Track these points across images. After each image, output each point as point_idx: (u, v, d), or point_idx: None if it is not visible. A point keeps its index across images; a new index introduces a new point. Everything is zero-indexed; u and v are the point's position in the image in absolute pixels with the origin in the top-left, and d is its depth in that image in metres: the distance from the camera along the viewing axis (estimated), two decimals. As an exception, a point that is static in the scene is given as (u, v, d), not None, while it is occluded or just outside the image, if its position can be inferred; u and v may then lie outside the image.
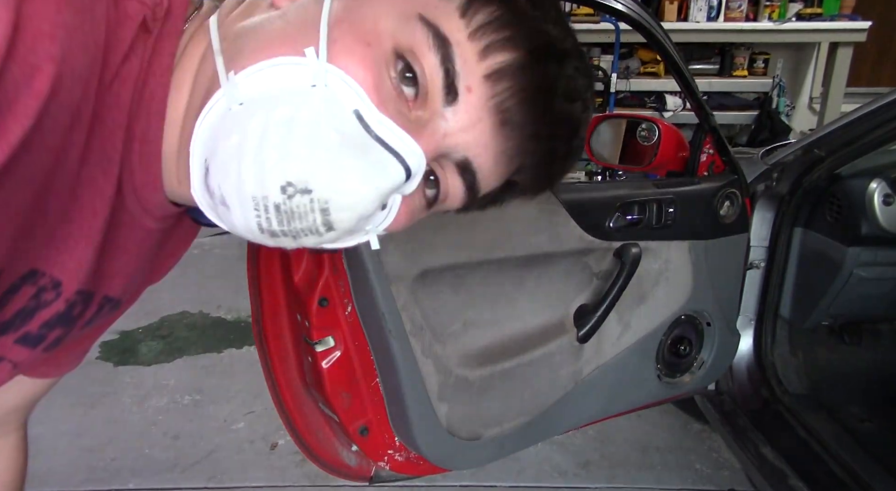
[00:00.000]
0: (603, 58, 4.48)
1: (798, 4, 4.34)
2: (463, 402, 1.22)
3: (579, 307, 1.33)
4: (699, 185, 1.44)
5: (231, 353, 2.69)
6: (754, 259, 1.67)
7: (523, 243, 1.22)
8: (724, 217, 1.48)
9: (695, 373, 1.58)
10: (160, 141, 0.54)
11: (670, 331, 1.49)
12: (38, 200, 0.47)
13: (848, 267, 1.64)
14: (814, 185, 1.63)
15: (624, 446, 2.16)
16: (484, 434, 1.26)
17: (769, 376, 1.74)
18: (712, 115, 1.46)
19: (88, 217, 0.53)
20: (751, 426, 1.66)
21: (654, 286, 1.41)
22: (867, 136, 1.53)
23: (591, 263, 1.33)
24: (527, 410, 1.30)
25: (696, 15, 4.31)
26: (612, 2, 1.25)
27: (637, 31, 1.31)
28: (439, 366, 1.17)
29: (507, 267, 1.23)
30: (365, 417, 1.20)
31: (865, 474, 1.44)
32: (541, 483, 2.02)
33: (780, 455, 1.56)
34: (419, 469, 1.31)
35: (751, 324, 1.76)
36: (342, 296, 1.10)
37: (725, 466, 2.07)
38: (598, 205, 1.31)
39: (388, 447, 1.25)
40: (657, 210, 1.36)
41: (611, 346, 1.39)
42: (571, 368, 1.34)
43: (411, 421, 1.17)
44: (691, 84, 1.40)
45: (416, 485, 1.94)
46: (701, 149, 1.50)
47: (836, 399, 1.77)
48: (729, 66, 4.57)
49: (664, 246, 1.40)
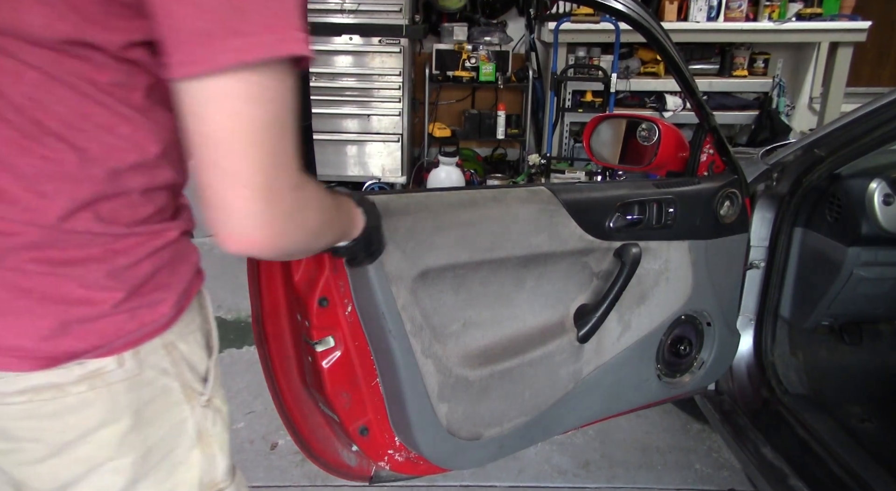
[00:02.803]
0: (603, 58, 4.48)
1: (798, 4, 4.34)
2: (463, 401, 1.22)
3: (579, 307, 1.33)
4: (699, 185, 1.44)
5: (231, 353, 2.69)
6: (754, 259, 1.67)
7: (523, 243, 1.22)
8: (724, 217, 1.48)
9: (695, 373, 1.57)
10: None
11: (670, 331, 1.49)
12: None
13: (848, 267, 1.64)
14: (814, 185, 1.63)
15: (624, 446, 2.16)
16: (484, 434, 1.26)
17: (769, 376, 1.74)
18: (712, 114, 1.46)
19: None
20: (751, 426, 1.66)
21: (655, 286, 1.41)
22: (867, 136, 1.53)
23: (592, 262, 1.33)
24: (527, 410, 1.30)
25: (696, 15, 4.30)
26: (613, 2, 1.25)
27: (637, 31, 1.31)
28: (439, 366, 1.17)
29: (507, 267, 1.23)
30: (365, 416, 1.20)
31: (865, 474, 1.44)
32: (541, 483, 2.02)
33: (780, 455, 1.56)
34: (419, 469, 1.31)
35: (751, 324, 1.75)
36: (342, 296, 1.10)
37: (725, 466, 2.07)
38: (598, 205, 1.31)
39: (388, 447, 1.25)
40: (657, 210, 1.36)
41: (611, 346, 1.39)
42: (571, 367, 1.34)
43: (411, 421, 1.17)
44: (691, 84, 1.40)
45: (416, 485, 1.94)
46: (701, 149, 1.51)
47: (836, 399, 1.77)
48: (729, 66, 4.57)
49: (664, 246, 1.40)
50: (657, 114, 4.46)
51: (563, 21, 4.27)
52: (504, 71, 4.55)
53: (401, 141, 4.35)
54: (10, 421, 0.62)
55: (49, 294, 0.60)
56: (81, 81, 0.57)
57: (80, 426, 0.64)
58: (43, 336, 0.60)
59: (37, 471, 0.65)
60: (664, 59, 1.37)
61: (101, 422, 0.65)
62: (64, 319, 0.61)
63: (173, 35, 0.54)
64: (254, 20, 0.54)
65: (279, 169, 0.58)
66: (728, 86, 4.59)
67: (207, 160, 0.56)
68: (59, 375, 0.62)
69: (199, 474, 0.74)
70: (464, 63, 4.50)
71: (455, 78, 4.55)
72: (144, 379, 0.66)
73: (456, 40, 4.54)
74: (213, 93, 0.54)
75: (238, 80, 0.54)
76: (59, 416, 0.63)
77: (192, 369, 0.72)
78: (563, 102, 4.54)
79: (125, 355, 0.64)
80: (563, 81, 4.43)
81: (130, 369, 0.65)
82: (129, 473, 0.68)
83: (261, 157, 0.56)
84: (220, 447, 0.76)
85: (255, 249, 0.60)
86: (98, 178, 0.60)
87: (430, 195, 1.18)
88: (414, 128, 4.63)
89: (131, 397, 0.66)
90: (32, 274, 0.59)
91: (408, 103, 4.31)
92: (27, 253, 0.59)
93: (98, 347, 0.62)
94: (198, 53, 0.53)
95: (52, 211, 0.59)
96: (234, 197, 0.56)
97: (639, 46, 4.56)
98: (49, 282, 0.60)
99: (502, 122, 4.68)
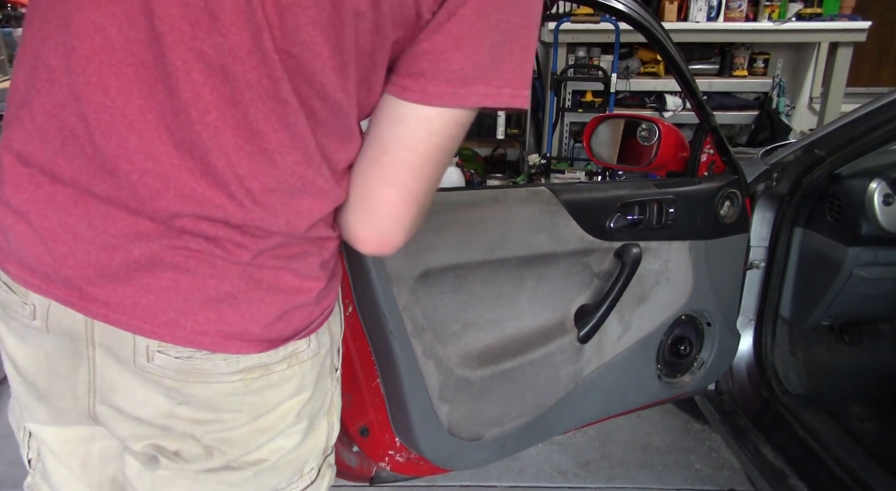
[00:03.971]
0: (603, 58, 4.47)
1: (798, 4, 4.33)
2: (464, 402, 1.22)
3: (580, 307, 1.33)
4: (699, 185, 1.44)
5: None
6: (754, 259, 1.67)
7: (524, 244, 1.22)
8: (724, 217, 1.48)
9: (695, 373, 1.58)
10: None
11: (671, 331, 1.49)
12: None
13: (848, 267, 1.64)
14: (814, 185, 1.63)
15: (624, 446, 2.16)
16: (485, 434, 1.26)
17: (769, 376, 1.74)
18: (712, 115, 1.46)
19: None
20: (751, 426, 1.66)
21: (655, 286, 1.41)
22: (867, 136, 1.53)
23: (592, 263, 1.33)
24: (527, 411, 1.30)
25: (696, 15, 4.30)
26: (613, 2, 1.25)
27: (638, 31, 1.31)
28: (440, 366, 1.17)
29: (507, 267, 1.23)
30: (366, 417, 1.20)
31: (865, 474, 1.44)
32: (541, 483, 2.02)
33: (780, 455, 1.56)
34: (420, 469, 1.31)
35: (751, 324, 1.76)
36: (343, 296, 1.10)
37: (725, 466, 2.07)
38: (598, 205, 1.31)
39: (388, 448, 1.26)
40: (657, 210, 1.36)
41: (611, 346, 1.39)
42: (572, 368, 1.34)
43: (412, 421, 1.17)
44: (691, 84, 1.40)
45: (416, 485, 1.94)
46: (701, 149, 1.51)
47: (836, 399, 1.77)
48: (729, 66, 4.57)
49: (664, 246, 1.40)
50: (657, 114, 4.45)
51: (563, 21, 4.26)
52: (504, 71, 4.54)
53: (401, 141, 4.34)
54: (222, 396, 0.68)
55: (275, 284, 0.66)
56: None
57: (275, 399, 0.71)
58: (268, 322, 0.67)
59: (228, 437, 0.71)
60: (664, 59, 1.37)
61: (291, 394, 0.72)
62: (285, 306, 0.67)
63: (434, 70, 0.62)
64: (504, 72, 0.63)
65: (433, 194, 0.69)
66: (728, 86, 4.58)
67: (394, 178, 0.65)
68: (269, 356, 0.68)
69: (325, 440, 0.82)
70: (464, 63, 4.50)
71: (455, 78, 4.54)
72: (320, 356, 0.75)
73: (456, 40, 4.53)
74: (437, 124, 0.63)
75: (458, 116, 0.63)
76: (262, 391, 0.70)
77: (335, 346, 0.80)
78: (562, 102, 4.54)
79: (312, 337, 0.72)
80: (563, 81, 4.43)
81: (314, 348, 0.73)
82: (298, 437, 0.75)
83: (434, 185, 0.68)
84: (336, 416, 0.84)
85: (388, 250, 0.71)
86: (335, 193, 0.68)
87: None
88: (414, 128, 4.62)
89: (315, 373, 0.74)
90: (267, 268, 0.66)
91: (408, 103, 4.30)
92: (271, 251, 0.66)
93: (301, 331, 0.70)
94: (449, 91, 0.62)
95: (303, 224, 0.66)
96: (403, 211, 0.67)
97: (639, 46, 4.55)
98: (276, 274, 0.66)
99: (502, 122, 4.67)
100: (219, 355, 0.66)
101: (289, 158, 0.62)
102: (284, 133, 0.61)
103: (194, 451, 0.71)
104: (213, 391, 0.67)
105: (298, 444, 0.76)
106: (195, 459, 0.71)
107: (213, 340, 0.65)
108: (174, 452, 0.71)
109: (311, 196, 0.65)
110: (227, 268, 0.64)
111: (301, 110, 0.61)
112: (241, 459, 0.72)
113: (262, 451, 0.73)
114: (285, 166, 0.62)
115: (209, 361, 0.66)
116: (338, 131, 0.65)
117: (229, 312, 0.65)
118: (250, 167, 0.61)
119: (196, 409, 0.68)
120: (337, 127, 0.65)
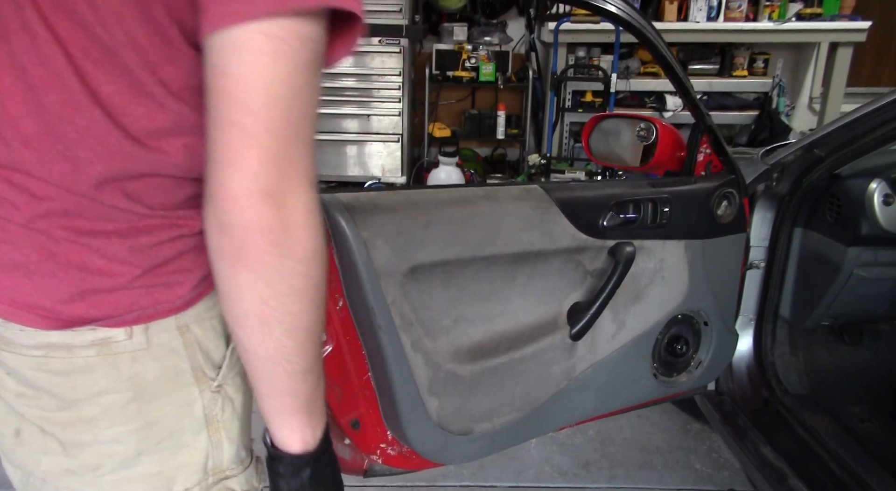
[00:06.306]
0: (603, 58, 4.48)
1: (798, 4, 4.33)
2: (453, 396, 1.22)
3: (573, 305, 1.33)
4: (695, 184, 1.44)
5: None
6: (754, 259, 1.67)
7: (515, 240, 1.22)
8: (720, 217, 1.47)
9: (692, 372, 1.57)
10: None
11: (667, 330, 1.48)
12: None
13: (848, 267, 1.64)
14: (814, 185, 1.62)
15: (624, 446, 2.16)
16: (475, 429, 1.26)
17: (769, 376, 1.74)
18: (708, 114, 1.46)
19: None
20: (751, 426, 1.66)
21: (650, 285, 1.41)
22: (867, 136, 1.52)
23: (585, 261, 1.32)
24: (519, 406, 1.30)
25: (696, 15, 4.30)
26: (604, 3, 1.25)
27: (629, 32, 1.31)
28: (429, 360, 1.17)
29: (498, 264, 1.23)
30: (356, 410, 1.20)
31: (865, 474, 1.44)
32: (541, 483, 2.01)
33: (780, 455, 1.56)
34: (411, 463, 1.31)
35: (751, 324, 1.75)
36: (333, 291, 1.10)
37: (725, 466, 2.06)
38: (591, 203, 1.31)
39: (380, 441, 1.26)
40: (652, 209, 1.36)
41: (605, 344, 1.38)
42: (564, 364, 1.33)
43: (401, 415, 1.17)
44: (685, 84, 1.39)
45: (416, 485, 1.94)
46: (697, 148, 1.50)
47: (836, 399, 1.76)
48: (729, 67, 4.57)
49: (659, 245, 1.40)
50: (657, 114, 4.46)
51: (563, 21, 4.27)
52: (504, 71, 4.55)
53: (401, 141, 4.35)
54: (28, 370, 0.67)
55: (72, 261, 0.63)
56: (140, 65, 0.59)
57: (87, 388, 0.67)
58: (62, 299, 0.64)
59: (51, 419, 0.69)
60: (657, 60, 1.37)
61: (105, 389, 0.68)
62: (83, 285, 0.64)
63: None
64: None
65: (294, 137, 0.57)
66: (728, 86, 4.58)
67: (225, 118, 0.55)
68: (71, 336, 0.65)
69: (204, 458, 0.76)
70: (464, 63, 4.50)
71: (455, 78, 4.55)
72: (151, 355, 0.69)
73: (456, 40, 4.54)
74: (239, 44, 0.54)
75: (268, 29, 0.53)
76: (67, 374, 0.67)
77: (205, 354, 0.73)
78: (562, 102, 4.54)
79: (135, 329, 0.67)
80: (563, 81, 4.43)
81: (138, 343, 0.68)
82: (133, 443, 0.70)
83: (283, 123, 0.55)
84: (227, 435, 0.78)
85: (254, 218, 0.56)
86: (131, 155, 0.62)
87: (420, 192, 1.18)
88: (414, 128, 4.63)
89: (135, 369, 0.68)
90: (60, 240, 0.63)
91: (408, 103, 4.31)
92: (58, 219, 0.62)
93: (110, 317, 0.65)
94: (234, 4, 0.53)
95: (83, 182, 0.61)
96: (247, 154, 0.55)
97: (639, 46, 4.56)
98: (74, 249, 0.63)
99: (502, 122, 4.68)
100: (14, 325, 0.65)
101: (52, 97, 0.58)
102: (43, 68, 0.57)
103: (32, 430, 0.69)
104: (21, 363, 0.67)
105: (136, 453, 0.70)
106: (35, 440, 0.69)
107: (5, 308, 0.64)
108: (16, 430, 0.70)
109: (91, 149, 0.60)
110: (15, 232, 0.62)
111: (56, 44, 0.57)
112: (80, 458, 0.69)
113: (95, 451, 0.69)
114: (50, 106, 0.58)
115: (8, 329, 0.65)
116: (123, 81, 0.59)
117: (24, 282, 0.63)
118: (23, 107, 0.58)
119: (18, 382, 0.68)
120: (121, 76, 0.58)
